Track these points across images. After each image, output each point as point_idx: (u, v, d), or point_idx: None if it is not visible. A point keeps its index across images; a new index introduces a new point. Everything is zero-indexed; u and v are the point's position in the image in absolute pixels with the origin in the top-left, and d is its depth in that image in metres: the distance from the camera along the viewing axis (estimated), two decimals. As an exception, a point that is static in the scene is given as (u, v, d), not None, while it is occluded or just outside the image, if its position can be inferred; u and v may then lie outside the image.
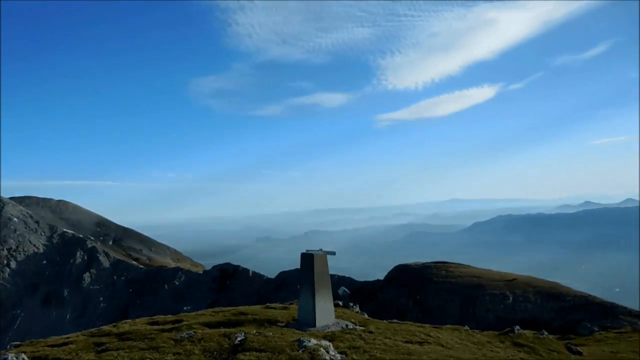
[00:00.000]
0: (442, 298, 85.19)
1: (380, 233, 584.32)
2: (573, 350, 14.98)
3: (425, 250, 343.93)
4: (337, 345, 11.72)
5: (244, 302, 71.82)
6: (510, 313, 77.33)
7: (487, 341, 14.41)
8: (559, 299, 78.45)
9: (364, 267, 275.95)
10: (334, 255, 16.74)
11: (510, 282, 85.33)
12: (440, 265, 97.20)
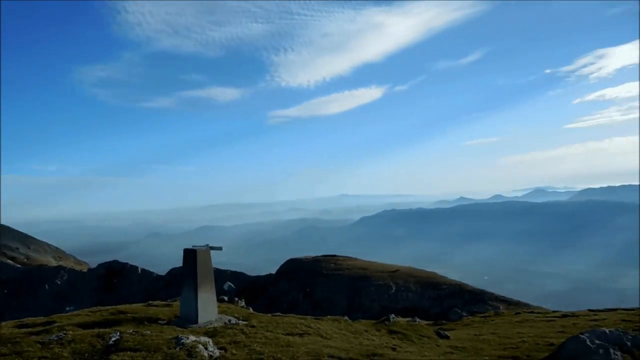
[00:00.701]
0: (331, 290, 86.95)
1: (273, 228, 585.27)
2: (442, 335, 15.67)
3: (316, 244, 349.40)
4: (217, 341, 11.34)
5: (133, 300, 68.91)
6: (393, 302, 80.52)
7: (365, 330, 14.71)
8: (437, 288, 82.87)
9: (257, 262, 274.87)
10: (225, 251, 16.29)
11: (393, 273, 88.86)
12: (329, 259, 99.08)
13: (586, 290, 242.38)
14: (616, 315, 20.94)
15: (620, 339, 10.71)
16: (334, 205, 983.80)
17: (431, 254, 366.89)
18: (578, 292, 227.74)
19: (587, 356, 9.64)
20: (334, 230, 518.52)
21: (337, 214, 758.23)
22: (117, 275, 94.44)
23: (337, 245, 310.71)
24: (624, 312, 22.28)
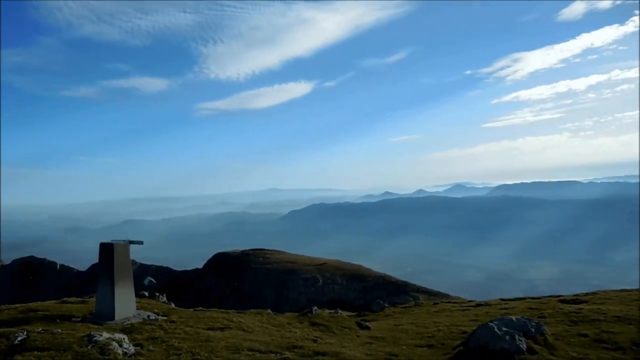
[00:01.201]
0: (259, 284, 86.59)
1: (200, 222, 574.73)
2: (362, 326, 15.91)
3: (244, 238, 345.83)
4: (134, 338, 10.91)
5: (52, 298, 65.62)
6: (320, 295, 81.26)
7: (287, 322, 14.69)
8: (362, 280, 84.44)
9: (184, 257, 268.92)
10: (151, 245, 15.71)
11: (320, 266, 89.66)
12: (258, 252, 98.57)
13: (500, 280, 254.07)
14: (524, 304, 22.03)
15: (525, 326, 11.26)
16: (263, 199, 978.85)
17: (357, 247, 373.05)
18: (493, 283, 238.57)
19: (495, 342, 10.06)
20: (263, 224, 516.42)
21: (266, 208, 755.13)
22: (33, 271, 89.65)
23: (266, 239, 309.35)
24: (531, 301, 23.47)
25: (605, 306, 18.11)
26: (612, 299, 21.22)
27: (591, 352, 11.11)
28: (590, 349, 11.58)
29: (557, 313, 17.35)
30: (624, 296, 21.74)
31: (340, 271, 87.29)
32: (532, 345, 10.27)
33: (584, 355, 10.83)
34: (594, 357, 10.64)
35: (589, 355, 10.77)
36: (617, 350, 11.34)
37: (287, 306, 63.47)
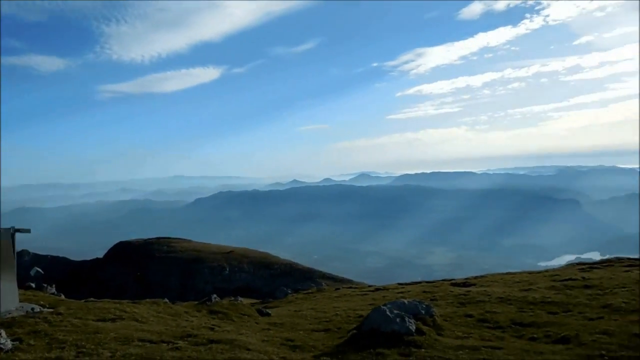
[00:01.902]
0: (164, 273, 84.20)
1: (100, 209, 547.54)
2: (263, 313, 15.89)
3: (148, 226, 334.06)
4: (13, 332, 10.13)
5: None
6: (227, 283, 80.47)
7: (185, 311, 14.33)
8: (269, 268, 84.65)
9: (82, 246, 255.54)
10: (45, 234, 14.57)
11: (227, 255, 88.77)
12: (162, 241, 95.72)
13: (401, 266, 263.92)
14: (419, 288, 22.99)
15: (416, 308, 11.70)
16: (167, 186, 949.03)
17: (265, 235, 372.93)
18: (394, 268, 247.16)
19: (387, 325, 10.37)
20: (167, 212, 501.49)
21: (171, 195, 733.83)
22: None
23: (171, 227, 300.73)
24: (426, 285, 24.55)
25: (490, 288, 19.28)
26: (497, 281, 22.64)
27: (475, 331, 11.75)
28: (475, 328, 12.25)
29: (447, 295, 18.25)
30: (508, 279, 23.26)
31: (247, 259, 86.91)
32: (421, 326, 10.69)
33: (468, 334, 11.43)
34: (477, 336, 11.25)
35: (472, 335, 11.38)
36: (498, 329, 12.08)
37: (192, 295, 62.19)
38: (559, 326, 11.75)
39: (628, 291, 15.89)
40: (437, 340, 10.30)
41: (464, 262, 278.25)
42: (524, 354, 9.47)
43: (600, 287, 17.28)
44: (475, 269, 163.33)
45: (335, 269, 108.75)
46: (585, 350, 9.68)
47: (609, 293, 15.91)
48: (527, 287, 18.86)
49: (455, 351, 9.62)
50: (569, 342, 10.36)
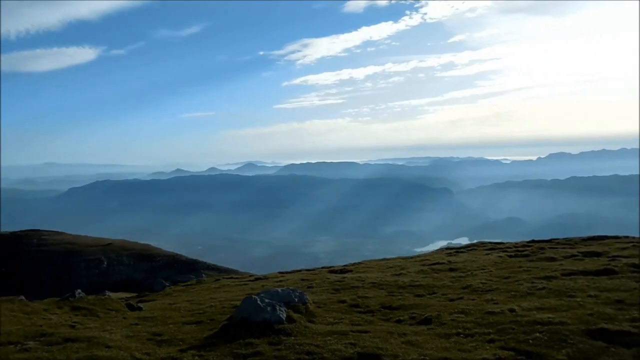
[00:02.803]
0: (35, 268, 78.04)
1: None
2: (133, 307, 15.19)
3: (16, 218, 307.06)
4: None
5: None
6: (105, 277, 76.32)
7: (44, 309, 13.28)
8: (151, 260, 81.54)
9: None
10: None
11: (105, 247, 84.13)
12: (32, 233, 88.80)
13: (286, 255, 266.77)
14: (298, 276, 23.25)
15: (290, 296, 11.76)
16: (38, 175, 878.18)
17: (146, 226, 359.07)
18: (280, 257, 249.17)
19: (257, 314, 10.31)
20: (38, 202, 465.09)
21: (42, 185, 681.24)
22: None
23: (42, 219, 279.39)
24: (305, 273, 24.87)
25: (365, 274, 19.94)
26: (372, 267, 23.49)
27: (346, 317, 12.05)
28: (346, 313, 12.56)
29: (324, 282, 18.61)
30: (383, 264, 24.22)
31: (127, 251, 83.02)
32: (292, 314, 10.75)
33: (339, 319, 11.70)
34: (347, 321, 11.55)
35: (343, 320, 11.66)
36: (368, 313, 12.49)
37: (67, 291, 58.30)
38: (424, 308, 12.39)
39: (486, 272, 17.18)
40: (307, 328, 10.42)
41: (347, 249, 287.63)
42: (388, 336, 9.85)
43: (463, 269, 18.50)
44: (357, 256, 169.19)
45: (220, 260, 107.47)
46: (444, 329, 10.29)
47: (470, 275, 17.08)
48: (399, 272, 19.71)
49: (324, 337, 9.79)
50: (431, 322, 10.95)
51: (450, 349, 8.96)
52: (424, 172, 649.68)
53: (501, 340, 9.31)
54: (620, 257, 18.51)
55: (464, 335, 9.82)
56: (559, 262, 18.27)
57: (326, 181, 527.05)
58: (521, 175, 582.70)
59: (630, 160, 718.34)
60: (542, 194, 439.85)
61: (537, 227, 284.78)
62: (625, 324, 9.66)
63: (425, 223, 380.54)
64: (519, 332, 9.60)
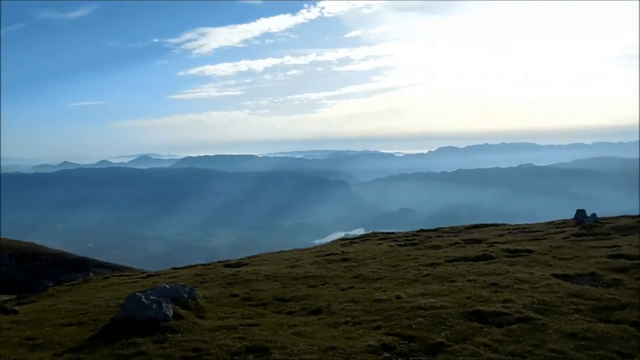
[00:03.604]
0: None
1: None
2: (8, 311, 13.97)
3: None
4: None
5: None
6: (-23, 279, 70.15)
7: None
8: (35, 259, 75.84)
9: None
10: None
11: (-22, 246, 77.38)
12: None
13: (184, 250, 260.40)
14: (192, 271, 22.60)
15: (179, 292, 11.38)
16: None
17: (30, 223, 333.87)
18: (178, 253, 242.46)
19: (142, 312, 9.86)
20: None
21: None
22: None
23: None
24: (200, 267, 24.24)
25: (260, 267, 19.81)
26: (268, 260, 23.41)
27: (237, 311, 11.88)
28: (238, 307, 12.38)
29: (218, 277, 18.24)
30: (279, 257, 24.21)
31: (8, 250, 76.75)
32: (180, 310, 10.40)
33: (230, 314, 11.50)
34: (239, 315, 11.38)
35: (234, 314, 11.48)
36: (260, 306, 12.39)
37: None
38: (315, 298, 12.51)
39: (377, 261, 17.71)
40: (195, 324, 10.13)
41: (246, 243, 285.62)
42: (278, 328, 9.83)
43: (355, 259, 18.94)
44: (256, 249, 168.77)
45: (114, 257, 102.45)
46: (334, 319, 10.45)
47: (362, 264, 17.52)
48: (293, 263, 19.78)
49: (212, 332, 9.56)
50: (321, 312, 11.07)
51: (338, 338, 9.11)
52: (322, 165, 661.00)
53: (387, 326, 9.62)
54: (497, 243, 19.90)
55: (352, 324, 10.02)
56: (444, 249, 19.24)
57: (225, 174, 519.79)
58: (413, 168, 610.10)
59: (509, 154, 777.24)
60: (432, 186, 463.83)
61: (428, 217, 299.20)
62: (498, 305, 10.36)
63: (323, 215, 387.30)
64: (403, 318, 9.96)
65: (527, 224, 26.97)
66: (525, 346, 8.36)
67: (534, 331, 8.97)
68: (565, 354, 8.02)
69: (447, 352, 8.32)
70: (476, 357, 8.01)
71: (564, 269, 13.52)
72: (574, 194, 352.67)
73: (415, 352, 8.46)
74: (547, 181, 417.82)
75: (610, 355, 7.91)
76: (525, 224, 27.43)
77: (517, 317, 9.62)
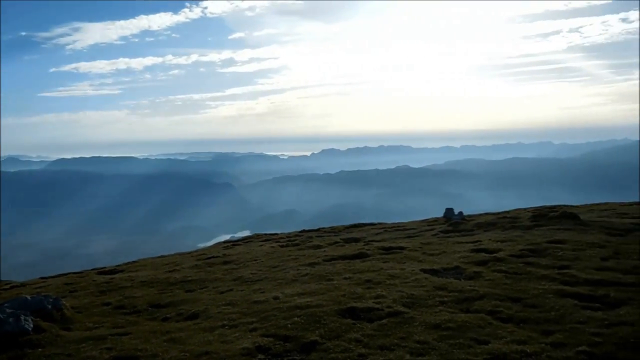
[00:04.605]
0: None
1: None
2: None
3: None
4: None
5: None
6: None
7: None
8: None
9: None
10: None
11: None
12: None
13: (59, 258, 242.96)
14: (62, 280, 20.99)
15: (42, 303, 10.49)
16: None
17: None
18: (52, 261, 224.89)
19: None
20: None
21: None
22: None
23: None
24: (72, 276, 22.57)
25: (137, 273, 18.88)
26: (147, 265, 22.38)
27: (109, 320, 11.20)
28: (110, 316, 11.69)
29: (90, 285, 17.12)
30: (158, 262, 23.24)
31: None
32: (42, 323, 9.58)
33: (101, 323, 10.82)
34: (110, 324, 10.74)
35: (105, 323, 10.81)
36: (134, 314, 11.79)
37: None
38: (192, 303, 12.15)
39: (258, 263, 17.62)
40: (60, 336, 9.37)
41: (127, 249, 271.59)
42: (150, 336, 9.39)
43: (237, 261, 18.71)
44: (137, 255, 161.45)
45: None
46: (210, 323, 10.19)
47: (242, 266, 17.33)
48: (172, 268, 19.14)
49: (78, 344, 8.90)
50: (198, 317, 10.76)
51: (213, 342, 8.88)
52: (206, 167, 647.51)
53: (263, 327, 9.55)
54: (373, 241, 20.67)
55: (228, 327, 9.84)
56: (324, 249, 19.60)
57: (103, 177, 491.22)
58: (297, 169, 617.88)
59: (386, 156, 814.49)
60: (316, 187, 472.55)
61: (312, 218, 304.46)
62: (370, 301, 10.71)
63: (208, 218, 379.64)
64: (280, 318, 9.96)
65: (402, 223, 28.37)
66: (393, 339, 8.70)
67: (402, 324, 9.38)
68: (429, 344, 8.45)
69: (321, 349, 8.43)
70: (347, 352, 8.20)
71: (431, 264, 14.31)
72: (446, 194, 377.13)
73: (289, 352, 8.47)
74: (421, 182, 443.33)
75: (468, 343, 8.46)
76: (400, 222, 28.84)
77: (387, 312, 10.00)
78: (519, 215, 24.84)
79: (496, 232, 20.31)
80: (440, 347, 8.33)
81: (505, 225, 21.67)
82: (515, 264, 13.67)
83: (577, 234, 17.87)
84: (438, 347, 8.32)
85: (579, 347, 8.07)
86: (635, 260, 13.77)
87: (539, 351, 8.00)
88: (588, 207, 29.83)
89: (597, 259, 13.90)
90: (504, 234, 19.21)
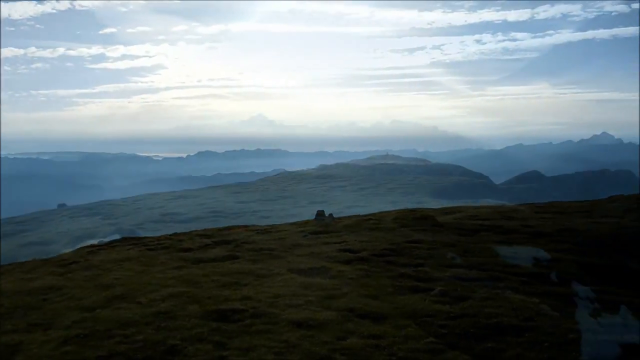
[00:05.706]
0: None
1: None
2: None
3: None
4: None
5: None
6: None
7: None
8: None
9: None
10: None
11: None
12: None
13: None
14: None
15: None
16: None
17: None
18: None
19: None
20: None
21: None
22: None
23: None
24: None
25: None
26: None
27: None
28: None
29: None
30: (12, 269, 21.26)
31: None
32: None
33: None
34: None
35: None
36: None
37: None
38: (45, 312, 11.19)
39: (123, 268, 16.73)
40: None
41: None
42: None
43: (101, 267, 17.60)
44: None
45: None
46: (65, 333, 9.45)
47: (106, 271, 16.36)
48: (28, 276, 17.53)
49: None
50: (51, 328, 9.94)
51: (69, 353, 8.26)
52: (74, 168, 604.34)
53: (122, 334, 9.05)
54: (245, 243, 20.54)
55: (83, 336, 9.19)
56: (194, 252, 19.13)
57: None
58: (172, 171, 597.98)
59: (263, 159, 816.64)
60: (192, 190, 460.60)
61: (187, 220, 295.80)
62: (236, 303, 10.62)
63: (75, 222, 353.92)
64: (141, 325, 9.50)
65: (275, 225, 28.54)
66: (257, 340, 8.70)
67: (267, 324, 9.42)
68: (292, 342, 8.57)
69: (182, 354, 8.19)
70: (208, 355, 8.06)
71: (299, 264, 14.55)
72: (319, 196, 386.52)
73: (150, 359, 8.12)
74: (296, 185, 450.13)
75: (330, 340, 8.71)
76: (273, 224, 29.01)
77: (252, 313, 9.99)
78: (383, 217, 26.11)
79: (362, 233, 21.18)
80: (302, 345, 8.47)
81: (370, 227, 22.70)
82: (376, 263, 14.36)
83: (432, 235, 19.23)
84: (300, 345, 8.45)
85: (427, 338, 8.68)
86: (480, 257, 15.14)
87: (392, 344, 8.46)
88: (445, 210, 32.25)
89: (448, 256, 15.07)
90: (369, 235, 20.10)
